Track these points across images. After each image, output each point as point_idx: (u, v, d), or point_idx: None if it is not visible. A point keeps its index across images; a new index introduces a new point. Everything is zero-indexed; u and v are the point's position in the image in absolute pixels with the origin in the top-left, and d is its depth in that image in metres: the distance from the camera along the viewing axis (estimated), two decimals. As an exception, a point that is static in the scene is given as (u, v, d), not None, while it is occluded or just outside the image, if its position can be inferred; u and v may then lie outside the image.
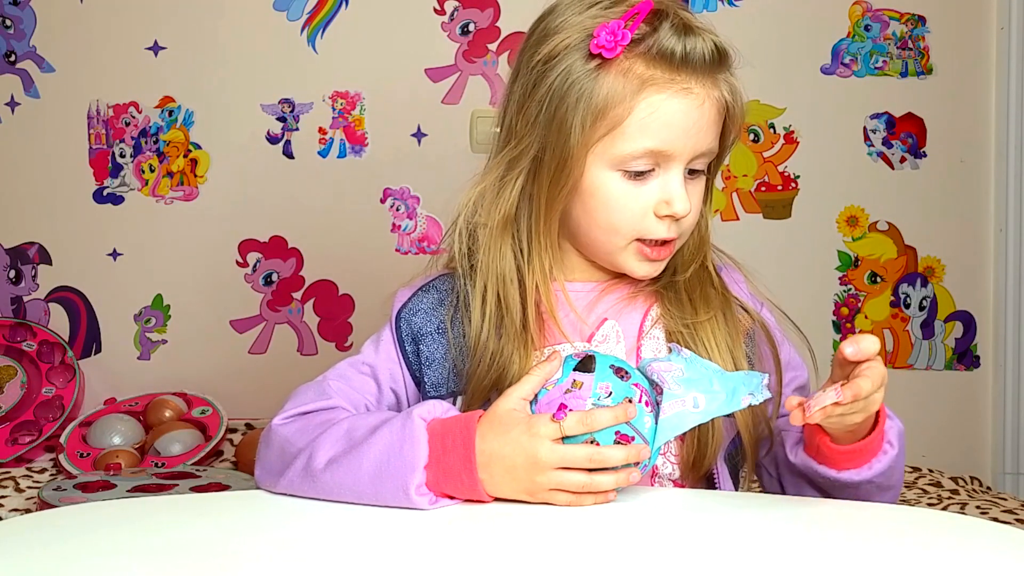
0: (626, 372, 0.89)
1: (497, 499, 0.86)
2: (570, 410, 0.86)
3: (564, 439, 0.85)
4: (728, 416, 0.93)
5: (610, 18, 0.92)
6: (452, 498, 0.86)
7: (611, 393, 0.87)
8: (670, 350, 0.93)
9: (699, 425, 0.90)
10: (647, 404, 0.88)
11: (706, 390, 0.87)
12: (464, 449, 0.85)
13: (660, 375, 0.89)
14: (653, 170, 0.94)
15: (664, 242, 0.97)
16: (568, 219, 0.98)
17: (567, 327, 0.99)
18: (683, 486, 0.98)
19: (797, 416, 0.84)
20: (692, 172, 0.96)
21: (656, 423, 0.87)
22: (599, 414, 0.84)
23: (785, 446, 0.96)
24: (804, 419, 0.83)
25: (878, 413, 0.89)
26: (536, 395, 0.89)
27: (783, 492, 0.99)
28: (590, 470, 0.84)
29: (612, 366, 0.89)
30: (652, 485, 0.97)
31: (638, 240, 0.96)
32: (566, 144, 0.93)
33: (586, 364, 0.88)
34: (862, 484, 0.90)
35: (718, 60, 0.93)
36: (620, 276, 1.01)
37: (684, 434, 0.96)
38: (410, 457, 0.85)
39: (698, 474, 0.97)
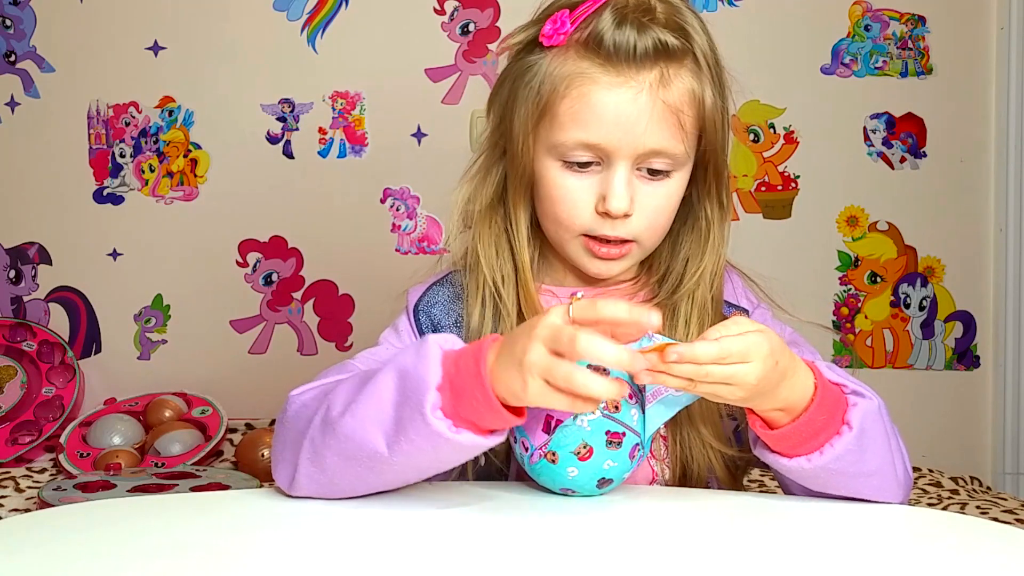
0: (604, 369, 0.89)
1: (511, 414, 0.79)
2: (557, 420, 0.86)
3: (556, 435, 0.85)
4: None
5: (571, 8, 0.92)
6: (474, 427, 0.79)
7: None
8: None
9: (680, 440, 0.90)
10: (630, 396, 0.88)
11: None
12: (474, 361, 0.79)
13: None
14: (599, 164, 0.92)
15: (616, 241, 0.94)
16: (537, 212, 0.99)
17: None
18: None
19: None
20: (655, 172, 0.93)
21: (643, 414, 0.87)
22: (610, 305, 0.78)
23: (749, 437, 0.91)
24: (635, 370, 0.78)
25: (816, 388, 0.84)
26: None
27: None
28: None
29: (589, 365, 0.88)
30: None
31: (586, 236, 0.95)
32: (515, 128, 0.95)
33: None
34: (819, 473, 0.85)
35: (657, 55, 0.90)
36: (613, 285, 1.01)
37: (668, 444, 0.96)
38: (423, 372, 0.79)
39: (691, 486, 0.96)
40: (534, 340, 0.76)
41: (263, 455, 1.88)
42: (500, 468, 0.97)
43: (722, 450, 0.96)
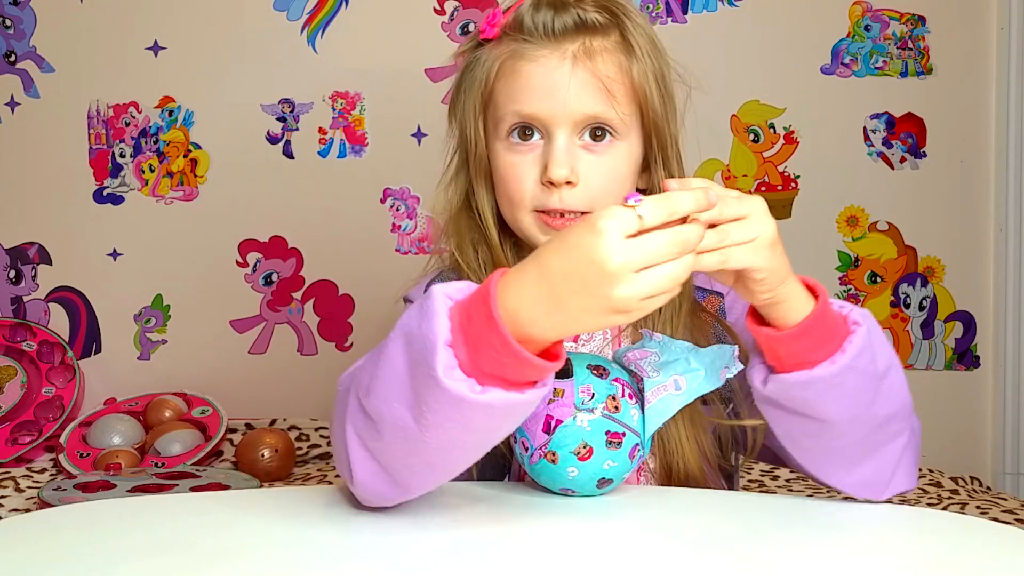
0: (605, 369, 0.88)
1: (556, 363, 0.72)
2: (557, 420, 0.86)
3: (556, 435, 0.85)
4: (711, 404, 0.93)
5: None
6: (503, 382, 0.71)
7: (593, 395, 0.86)
8: (641, 335, 0.93)
9: (662, 437, 0.91)
10: (630, 396, 0.88)
11: (685, 370, 0.87)
12: (483, 303, 0.70)
13: (637, 364, 0.89)
14: (540, 138, 0.95)
15: (568, 215, 0.94)
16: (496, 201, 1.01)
17: None
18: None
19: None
20: (596, 139, 0.95)
21: (643, 414, 0.87)
22: (679, 196, 0.72)
23: (756, 383, 0.86)
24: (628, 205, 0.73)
25: (816, 291, 0.85)
26: None
27: (779, 457, 0.93)
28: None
29: (589, 365, 0.88)
30: (639, 483, 0.97)
31: (537, 211, 0.96)
32: (466, 121, 1.00)
33: (563, 370, 0.88)
34: (845, 375, 0.82)
35: (578, 29, 0.94)
36: None
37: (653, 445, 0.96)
38: (427, 331, 0.70)
39: (677, 484, 0.96)
40: (616, 282, 0.68)
41: (263, 455, 1.88)
42: (504, 455, 0.95)
43: (700, 439, 0.96)
